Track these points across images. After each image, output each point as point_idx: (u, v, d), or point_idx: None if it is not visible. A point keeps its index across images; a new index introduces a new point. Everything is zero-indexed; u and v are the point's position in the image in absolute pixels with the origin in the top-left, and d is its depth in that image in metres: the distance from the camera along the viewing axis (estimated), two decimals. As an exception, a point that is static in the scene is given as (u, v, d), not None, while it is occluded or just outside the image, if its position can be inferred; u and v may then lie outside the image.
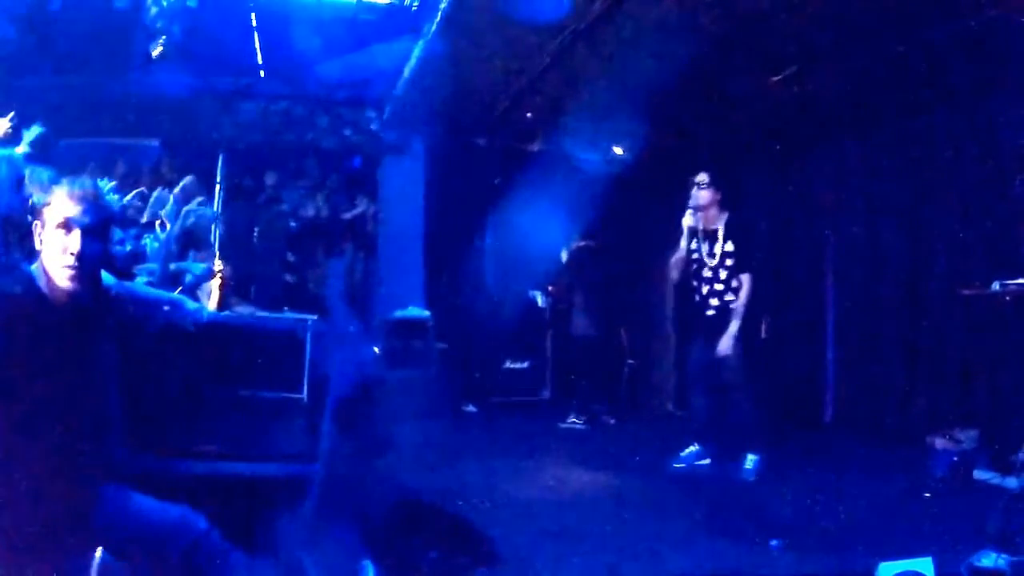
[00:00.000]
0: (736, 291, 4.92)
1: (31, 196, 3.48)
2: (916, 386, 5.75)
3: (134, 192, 5.21)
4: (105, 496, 2.16)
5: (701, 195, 4.99)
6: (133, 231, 4.88)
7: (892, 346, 6.05)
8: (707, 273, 5.02)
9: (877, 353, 6.19)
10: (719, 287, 4.97)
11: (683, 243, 5.10)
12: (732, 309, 4.91)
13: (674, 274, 5.29)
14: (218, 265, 3.27)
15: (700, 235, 5.04)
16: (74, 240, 2.12)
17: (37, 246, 2.18)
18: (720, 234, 4.96)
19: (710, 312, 5.01)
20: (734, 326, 4.88)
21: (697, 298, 5.10)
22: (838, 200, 6.76)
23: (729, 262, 4.94)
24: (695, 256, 5.07)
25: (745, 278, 4.91)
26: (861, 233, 6.45)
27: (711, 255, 4.98)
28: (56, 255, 2.13)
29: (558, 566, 3.38)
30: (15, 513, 1.97)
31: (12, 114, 4.18)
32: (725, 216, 5.00)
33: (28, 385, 2.00)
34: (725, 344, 4.87)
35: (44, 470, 2.01)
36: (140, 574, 2.16)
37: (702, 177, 5.00)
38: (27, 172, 3.88)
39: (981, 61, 4.80)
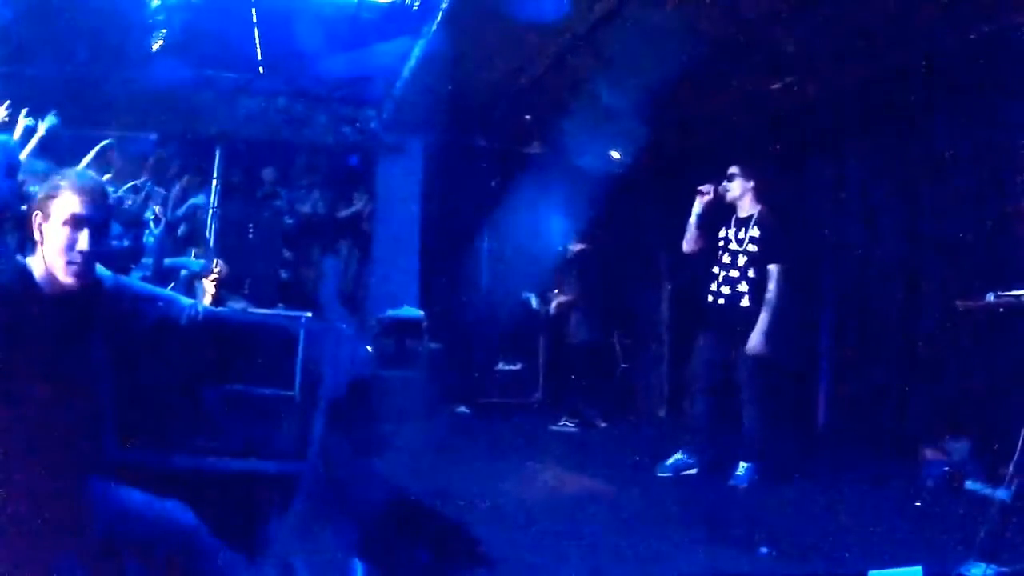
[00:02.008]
0: (752, 282, 4.76)
1: (25, 184, 3.48)
2: (910, 395, 5.76)
3: (128, 185, 5.20)
4: (94, 490, 2.15)
5: (733, 186, 4.91)
6: (131, 227, 4.88)
7: (887, 354, 6.06)
8: (726, 259, 4.89)
9: (872, 360, 6.19)
10: (735, 273, 4.84)
11: (693, 224, 5.01)
12: (742, 305, 4.76)
13: (690, 247, 5.11)
14: (215, 263, 3.27)
15: (732, 222, 4.93)
16: (83, 238, 2.10)
17: (36, 238, 2.16)
18: (752, 221, 4.86)
19: (720, 301, 4.88)
20: (764, 320, 4.67)
21: (712, 286, 4.94)
22: (836, 206, 6.77)
23: (752, 248, 4.80)
24: (720, 243, 4.95)
25: (773, 269, 4.71)
26: (858, 240, 6.46)
27: (739, 241, 4.86)
28: (61, 251, 2.10)
29: (552, 568, 3.38)
30: (5, 507, 1.96)
31: (7, 103, 4.19)
32: (759, 207, 4.90)
33: (20, 379, 1.99)
34: (755, 341, 4.67)
35: (34, 464, 2.00)
36: (129, 569, 2.15)
37: (733, 169, 4.93)
38: (23, 161, 3.88)
39: (984, 70, 4.81)
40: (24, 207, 2.53)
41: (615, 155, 8.04)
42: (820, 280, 6.85)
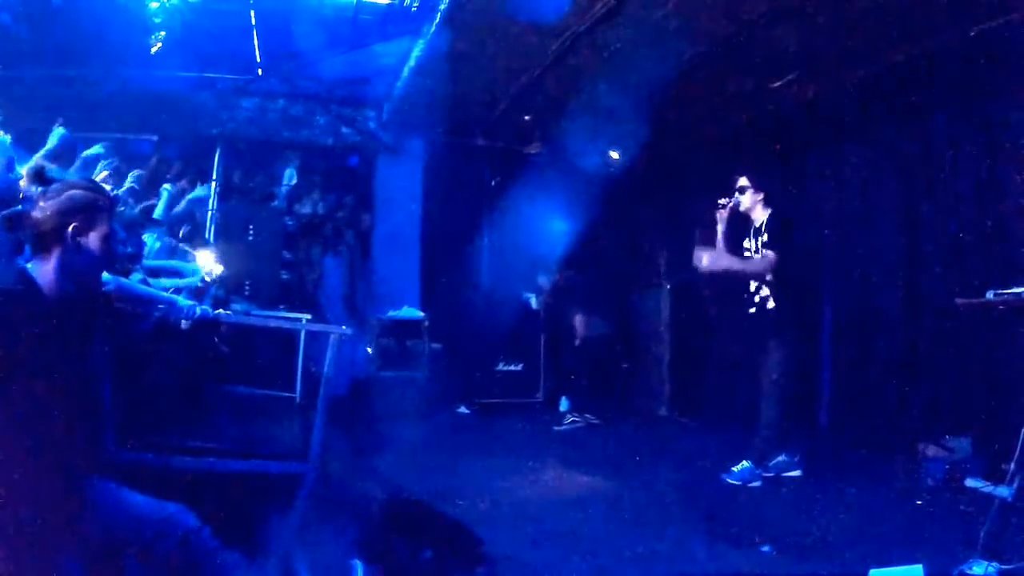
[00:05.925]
0: (771, 285, 4.93)
1: (29, 187, 3.47)
2: (910, 393, 5.75)
3: (126, 187, 5.19)
4: (96, 491, 2.15)
5: (744, 198, 5.08)
6: (132, 230, 4.87)
7: (887, 353, 6.05)
8: None
9: (873, 359, 6.19)
10: (758, 279, 5.02)
11: (720, 241, 5.16)
12: (768, 308, 4.92)
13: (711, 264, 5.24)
14: (216, 265, 3.28)
15: (751, 232, 5.10)
16: (91, 246, 2.13)
17: (41, 244, 2.16)
18: (763, 229, 5.03)
19: (752, 310, 5.02)
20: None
21: (744, 296, 5.10)
22: (835, 205, 6.77)
23: (767, 252, 4.97)
24: (746, 254, 5.11)
25: (770, 253, 4.92)
26: (858, 239, 6.45)
27: (757, 249, 5.04)
28: (69, 259, 2.12)
29: (552, 568, 3.38)
30: (7, 507, 1.96)
31: None
32: (767, 213, 5.07)
33: (22, 381, 2.00)
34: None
35: (37, 465, 2.01)
36: (129, 570, 2.15)
37: (743, 181, 5.09)
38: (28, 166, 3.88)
39: (983, 67, 4.81)
40: (21, 207, 2.53)
41: (615, 155, 8.04)
42: (820, 278, 6.86)
